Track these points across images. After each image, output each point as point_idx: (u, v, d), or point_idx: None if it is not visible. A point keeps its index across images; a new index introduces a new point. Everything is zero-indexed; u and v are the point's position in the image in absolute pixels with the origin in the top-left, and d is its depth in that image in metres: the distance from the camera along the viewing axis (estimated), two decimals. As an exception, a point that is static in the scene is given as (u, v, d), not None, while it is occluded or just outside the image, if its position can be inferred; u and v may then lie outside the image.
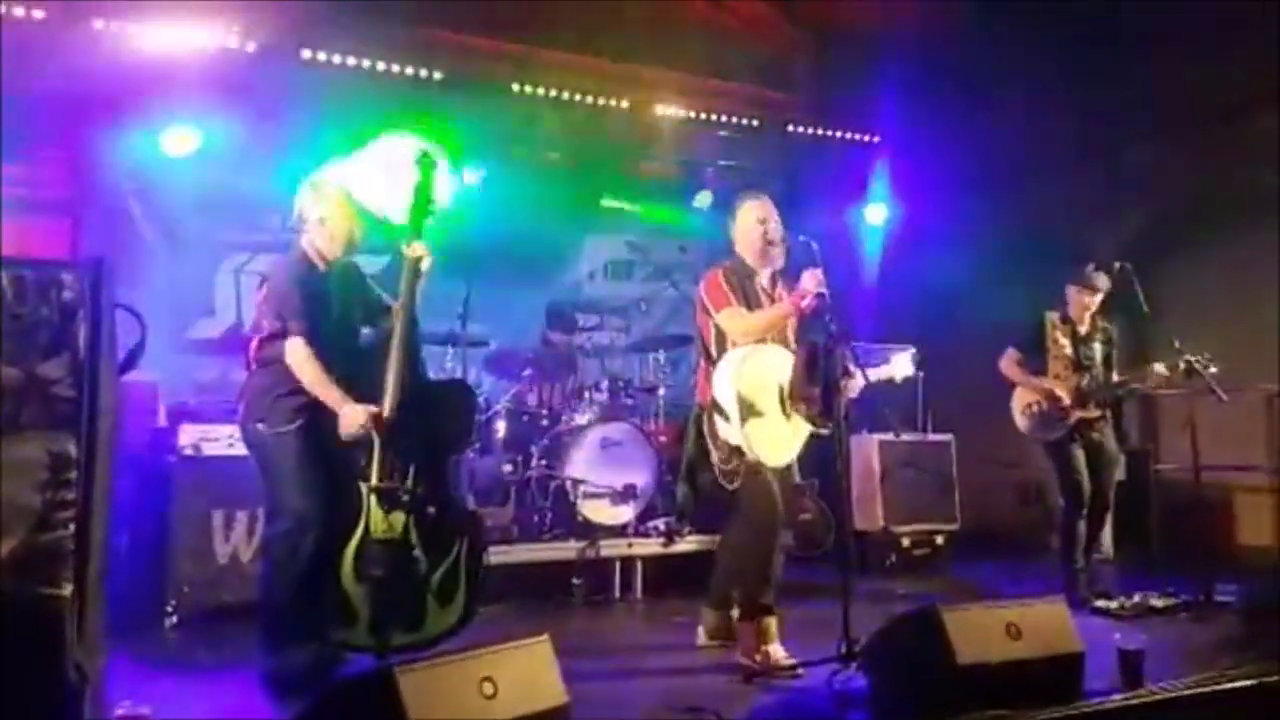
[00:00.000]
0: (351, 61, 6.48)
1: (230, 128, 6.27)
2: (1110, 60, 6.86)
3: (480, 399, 6.32)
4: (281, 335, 3.85)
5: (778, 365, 4.24)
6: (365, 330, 4.13)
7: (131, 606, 4.54)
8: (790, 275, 4.34)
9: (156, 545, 4.96)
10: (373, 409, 3.76)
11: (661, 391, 6.71)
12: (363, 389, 3.84)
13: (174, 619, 4.88)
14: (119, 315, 2.89)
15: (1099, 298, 5.51)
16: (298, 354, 3.81)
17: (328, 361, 3.83)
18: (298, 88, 6.37)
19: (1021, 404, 5.55)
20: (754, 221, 4.34)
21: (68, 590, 2.57)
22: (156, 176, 6.44)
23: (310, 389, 3.81)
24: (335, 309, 3.96)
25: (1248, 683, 3.72)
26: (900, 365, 4.45)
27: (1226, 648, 4.29)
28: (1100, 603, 5.15)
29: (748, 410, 4.08)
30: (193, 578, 4.95)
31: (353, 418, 3.75)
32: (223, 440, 5.04)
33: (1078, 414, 5.39)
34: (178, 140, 6.19)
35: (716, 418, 4.16)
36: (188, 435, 5.13)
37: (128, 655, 3.92)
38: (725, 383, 4.13)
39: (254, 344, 4.00)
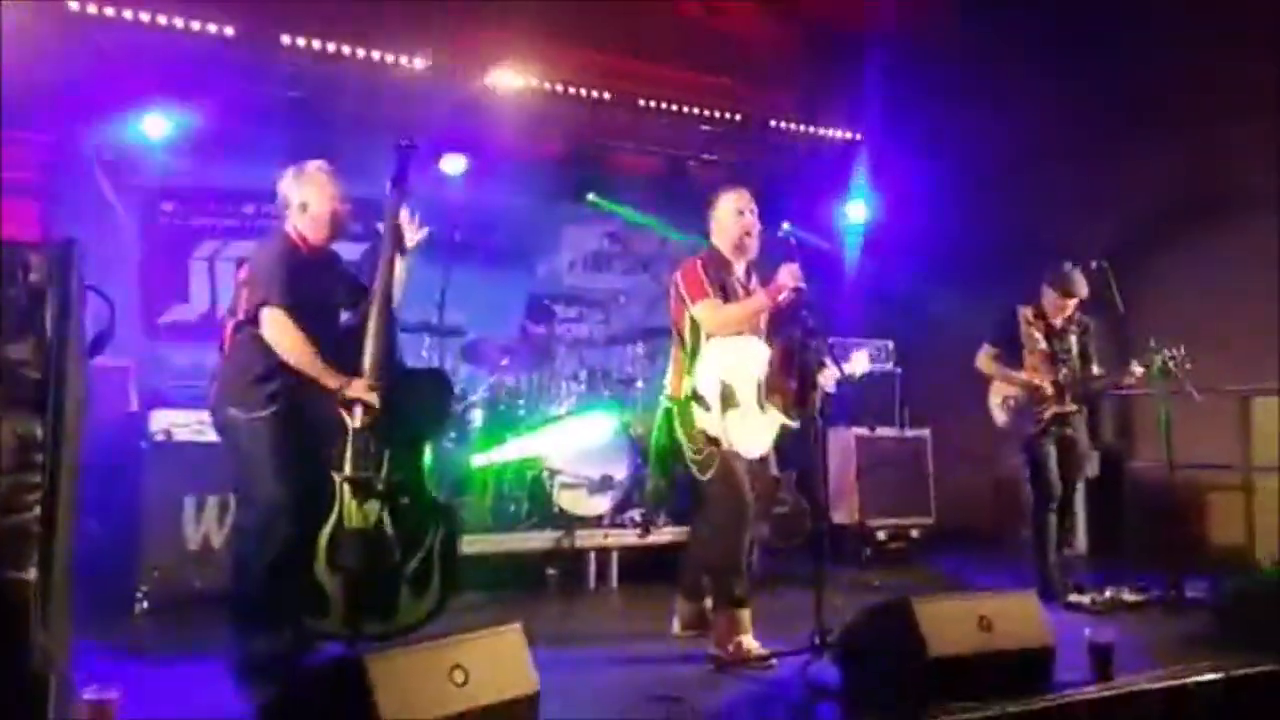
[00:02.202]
0: (331, 48, 6.44)
1: (206, 113, 6.22)
2: (1096, 57, 6.88)
3: (457, 389, 6.30)
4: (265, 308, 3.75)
5: (756, 357, 4.25)
6: (345, 315, 4.10)
7: (101, 592, 4.49)
8: (767, 268, 4.34)
9: (127, 531, 4.92)
10: (364, 380, 3.73)
11: (639, 384, 6.70)
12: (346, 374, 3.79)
13: (144, 604, 4.84)
14: (89, 298, 2.86)
15: (1074, 302, 5.51)
16: (277, 324, 3.70)
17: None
18: (276, 73, 6.33)
19: (999, 398, 5.56)
20: (733, 213, 4.33)
21: (33, 574, 2.54)
22: (131, 161, 6.39)
23: (292, 362, 3.71)
24: (317, 294, 3.90)
25: (1216, 676, 3.77)
26: (858, 362, 4.47)
27: (1196, 642, 4.33)
28: (1073, 597, 5.18)
29: (727, 401, 4.09)
30: (163, 563, 4.92)
31: (365, 387, 3.71)
32: (194, 425, 4.99)
33: (1055, 408, 5.41)
34: (153, 125, 6.14)
35: (695, 408, 4.15)
36: (159, 420, 5.09)
37: (97, 640, 3.88)
38: (709, 372, 4.13)
39: (229, 327, 3.92)
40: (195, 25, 5.96)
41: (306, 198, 3.93)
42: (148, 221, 6.58)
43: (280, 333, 3.71)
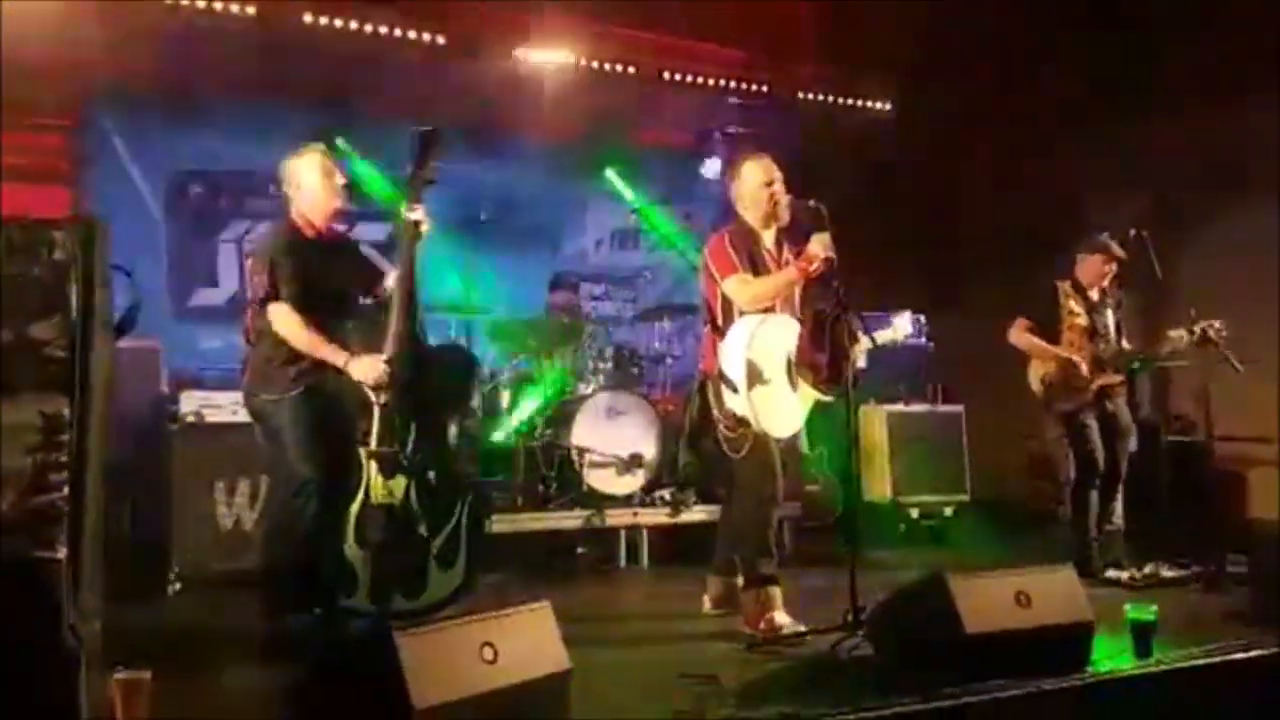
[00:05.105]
0: (354, 26, 6.40)
1: (231, 95, 6.21)
2: (1124, 29, 6.75)
3: (485, 369, 6.29)
4: (270, 303, 3.84)
5: (785, 335, 4.18)
6: (365, 300, 4.12)
7: (135, 573, 4.54)
8: (797, 239, 4.27)
9: (159, 512, 4.95)
10: (383, 356, 3.77)
11: (668, 361, 6.67)
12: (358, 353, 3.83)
13: (177, 585, 4.88)
14: (116, 279, 2.85)
15: (1115, 266, 5.43)
16: (281, 318, 3.82)
17: (324, 329, 3.83)
18: (299, 52, 6.31)
19: (1039, 374, 5.48)
20: (759, 183, 4.25)
21: (62, 553, 2.55)
22: (157, 143, 6.41)
23: (304, 350, 3.81)
24: (328, 278, 3.95)
25: (1257, 653, 3.69)
26: (901, 326, 4.41)
27: (1237, 619, 4.25)
28: (1111, 573, 5.11)
29: (755, 381, 4.02)
30: (196, 544, 4.95)
31: (367, 366, 3.76)
32: (225, 408, 5.02)
33: (1098, 381, 5.33)
34: (179, 107, 6.14)
35: (723, 388, 4.10)
36: (190, 402, 5.12)
37: (130, 621, 3.89)
38: (734, 353, 4.07)
39: (250, 314, 4.01)
40: (218, 5, 5.94)
41: (301, 178, 3.99)
42: (174, 204, 6.60)
43: (284, 324, 3.82)
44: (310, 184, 3.97)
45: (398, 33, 6.49)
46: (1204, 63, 6.49)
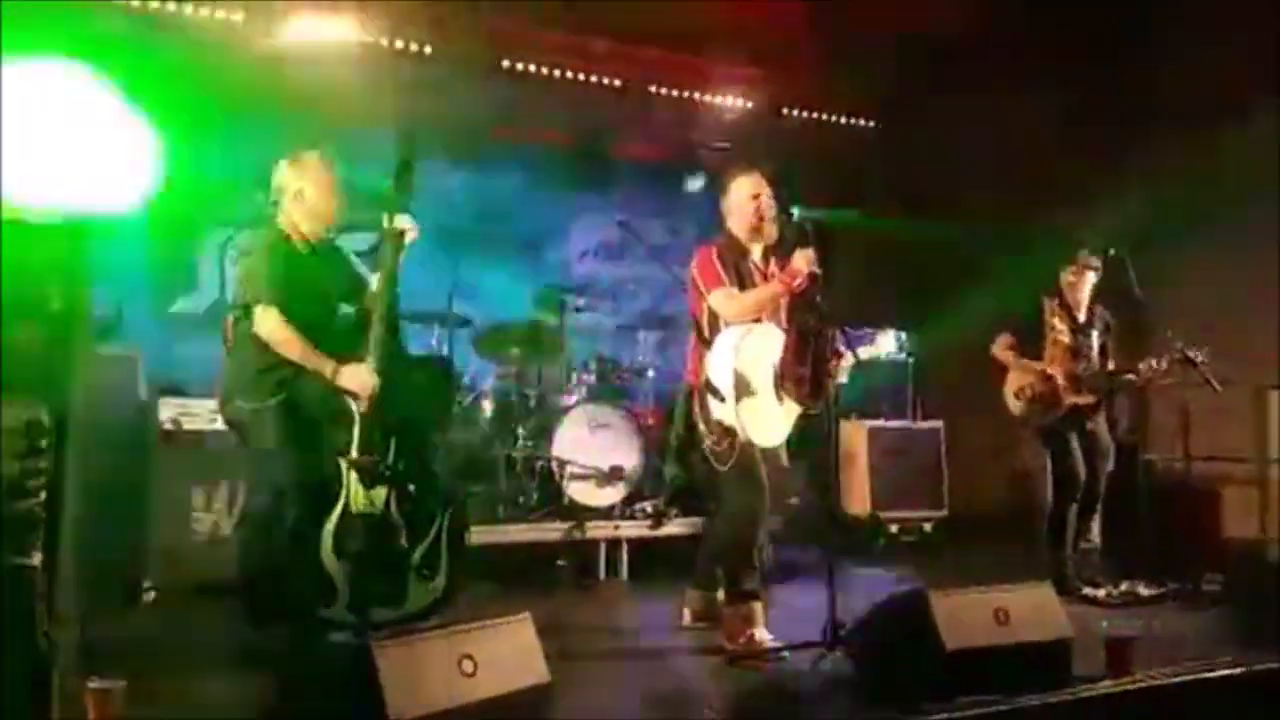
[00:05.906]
0: (338, 34, 6.38)
1: (213, 100, 6.18)
2: (1111, 49, 6.82)
3: (467, 379, 6.27)
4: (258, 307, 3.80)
5: (771, 346, 4.20)
6: (344, 307, 4.09)
7: (109, 581, 4.49)
8: (783, 253, 4.29)
9: (135, 520, 4.89)
10: (370, 365, 3.75)
11: (650, 374, 6.66)
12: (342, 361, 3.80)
13: (152, 594, 4.82)
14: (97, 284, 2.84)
15: (1089, 277, 5.47)
16: (268, 322, 3.76)
17: (308, 337, 3.79)
18: (283, 60, 6.28)
19: (1014, 387, 5.51)
20: (747, 197, 4.27)
21: (38, 560, 2.53)
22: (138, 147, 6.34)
23: (292, 357, 3.77)
24: (314, 287, 3.92)
25: (1233, 671, 3.72)
26: (884, 342, 4.45)
27: (1212, 637, 4.27)
28: (1088, 590, 5.14)
29: (742, 391, 4.04)
30: (171, 553, 4.90)
31: (361, 374, 3.74)
32: (204, 415, 4.98)
33: (1072, 399, 5.36)
34: (158, 110, 6.09)
35: (710, 398, 4.11)
36: (168, 410, 5.07)
37: (104, 629, 3.85)
38: (721, 363, 4.08)
39: (230, 321, 3.96)
40: (204, 10, 5.92)
41: (302, 186, 3.94)
42: (154, 210, 6.53)
43: (271, 329, 3.77)
44: (310, 193, 3.93)
45: (383, 41, 6.47)
46: (1201, 77, 6.55)
